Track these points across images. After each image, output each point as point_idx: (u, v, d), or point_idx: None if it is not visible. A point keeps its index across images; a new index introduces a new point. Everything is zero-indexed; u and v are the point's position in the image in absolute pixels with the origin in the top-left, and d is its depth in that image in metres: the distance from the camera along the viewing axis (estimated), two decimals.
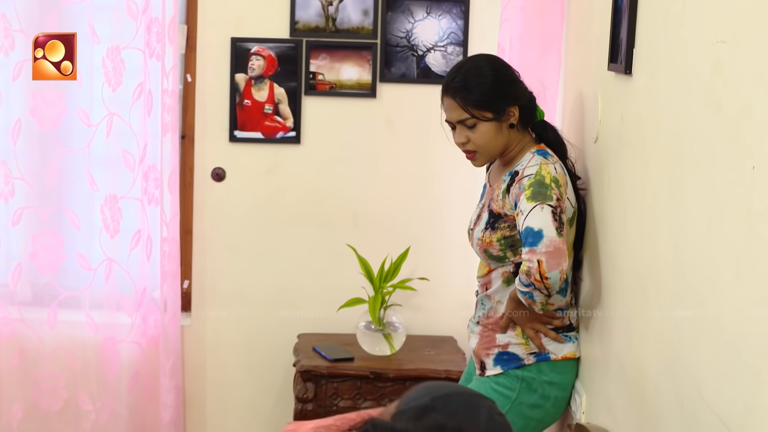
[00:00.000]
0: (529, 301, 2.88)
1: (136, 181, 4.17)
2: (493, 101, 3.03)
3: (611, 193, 2.83)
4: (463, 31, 4.24)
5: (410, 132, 4.32)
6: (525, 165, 2.98)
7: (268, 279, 4.40)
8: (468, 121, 3.04)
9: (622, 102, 2.74)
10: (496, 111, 3.02)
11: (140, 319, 4.26)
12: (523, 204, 2.87)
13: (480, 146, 3.06)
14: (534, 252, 2.79)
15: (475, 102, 3.02)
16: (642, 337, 2.46)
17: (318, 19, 4.22)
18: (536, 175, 2.91)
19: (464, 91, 3.03)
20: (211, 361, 4.43)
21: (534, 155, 3.01)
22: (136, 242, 4.21)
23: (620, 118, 2.74)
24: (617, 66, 2.74)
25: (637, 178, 2.56)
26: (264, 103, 4.27)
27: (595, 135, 3.02)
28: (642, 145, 2.53)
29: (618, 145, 2.77)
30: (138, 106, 4.13)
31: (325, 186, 4.35)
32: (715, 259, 1.94)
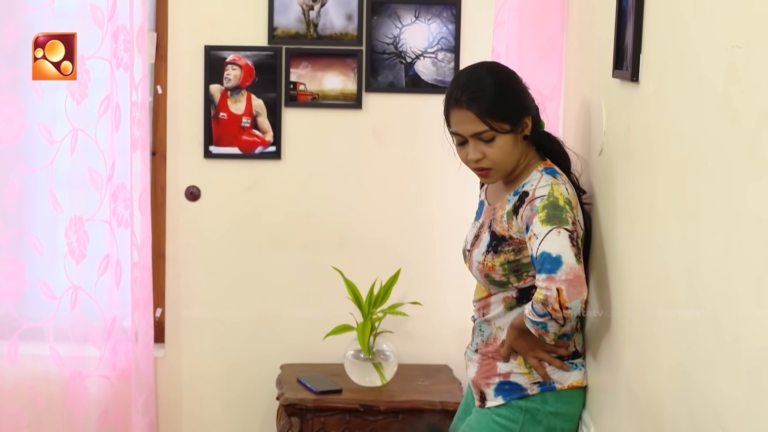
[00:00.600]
0: (540, 331, 2.88)
1: (103, 202, 4.17)
2: (510, 111, 3.00)
3: (618, 209, 2.84)
4: (454, 36, 4.26)
5: (399, 145, 4.34)
6: (535, 185, 2.97)
7: (248, 306, 4.40)
8: (485, 134, 2.98)
9: (628, 111, 2.75)
10: (514, 122, 3.00)
11: (109, 352, 4.24)
12: (538, 227, 2.86)
13: (497, 162, 3.01)
14: (553, 279, 2.78)
15: (492, 113, 2.97)
16: (655, 364, 2.46)
17: (298, 24, 4.24)
18: (549, 197, 2.90)
19: (481, 101, 2.97)
20: (187, 395, 4.43)
21: (543, 174, 3.00)
22: (105, 268, 4.20)
23: (626, 128, 2.76)
24: (623, 73, 2.76)
25: (646, 193, 2.57)
26: (241, 115, 4.27)
27: (600, 147, 3.03)
28: (650, 158, 2.54)
29: (624, 158, 2.78)
30: (105, 120, 4.13)
31: (308, 204, 4.36)
32: (733, 281, 1.95)
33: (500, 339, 3.10)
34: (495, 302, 3.10)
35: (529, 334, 2.96)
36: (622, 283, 2.80)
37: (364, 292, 4.15)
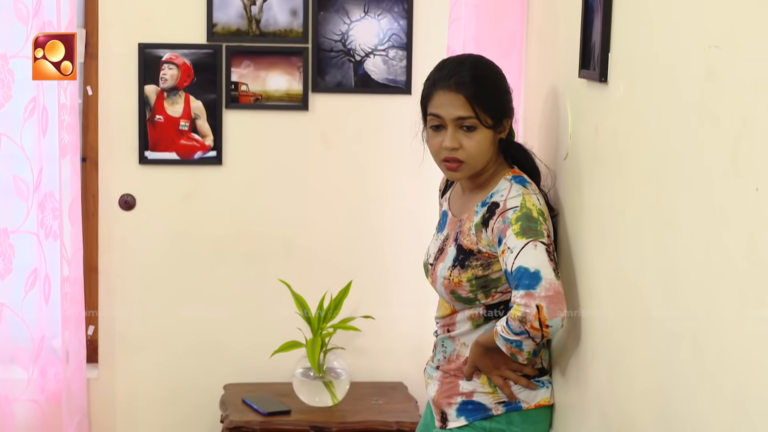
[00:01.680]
0: (514, 350, 2.88)
1: (30, 213, 4.13)
2: (497, 106, 3.02)
3: (586, 217, 2.86)
4: (406, 33, 4.28)
5: (348, 149, 4.35)
6: (506, 196, 2.97)
7: (188, 322, 4.39)
8: (468, 121, 2.98)
9: (596, 113, 2.77)
10: (496, 119, 3.01)
11: (38, 374, 4.21)
12: (512, 240, 2.86)
13: (471, 155, 3.00)
14: (532, 296, 2.78)
15: (481, 101, 2.98)
16: (628, 381, 2.48)
17: (239, 20, 4.23)
18: (522, 208, 2.91)
19: (473, 87, 2.98)
20: (122, 419, 4.41)
21: (512, 183, 3.00)
22: (32, 283, 4.16)
23: (594, 130, 2.77)
24: (590, 73, 2.77)
25: (616, 198, 2.59)
26: (179, 118, 4.26)
27: (566, 151, 3.05)
28: (620, 162, 2.56)
29: (592, 162, 2.80)
30: (31, 124, 4.10)
31: (252, 213, 4.36)
32: (714, 291, 1.97)
33: (463, 356, 3.11)
34: (461, 320, 3.10)
35: (494, 352, 2.97)
36: (591, 295, 2.82)
37: (313, 305, 4.15)
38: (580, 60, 2.87)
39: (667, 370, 2.22)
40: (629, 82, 2.52)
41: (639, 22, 2.48)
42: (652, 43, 2.37)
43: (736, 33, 1.89)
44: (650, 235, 2.34)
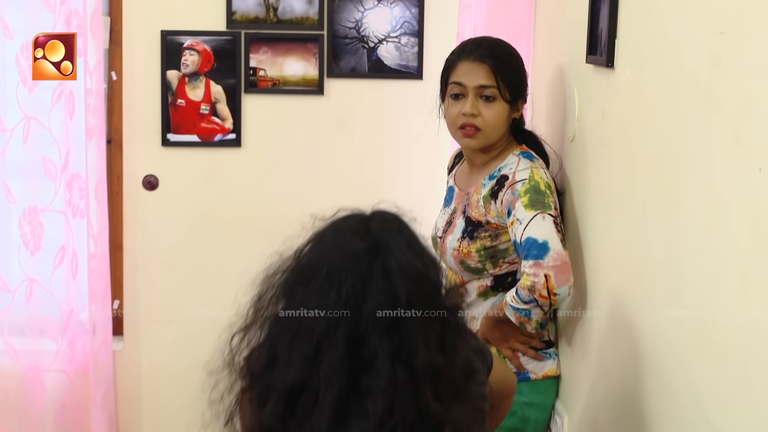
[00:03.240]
0: (523, 318, 2.90)
1: (59, 192, 4.14)
2: (517, 83, 3.09)
3: (593, 197, 2.87)
4: (418, 20, 4.27)
5: (362, 132, 4.35)
6: (514, 169, 2.99)
7: (209, 297, 4.38)
8: (489, 90, 3.04)
9: (603, 98, 2.78)
10: (514, 95, 3.08)
11: (67, 345, 4.23)
12: (521, 212, 2.89)
13: (488, 124, 3.05)
14: (540, 265, 2.80)
15: (504, 75, 3.05)
16: (634, 353, 2.49)
17: (258, 8, 4.23)
18: (530, 180, 2.93)
19: (499, 61, 3.06)
20: (146, 389, 4.42)
21: (520, 158, 3.03)
22: (61, 259, 4.18)
23: (601, 115, 2.78)
24: (597, 58, 2.78)
25: (623, 180, 2.60)
26: (200, 102, 4.26)
27: (572, 133, 3.06)
28: (627, 145, 2.57)
29: (599, 145, 2.81)
30: (59, 108, 4.10)
31: (270, 193, 4.35)
32: (717, 270, 1.97)
33: (473, 328, 3.12)
34: (469, 290, 3.12)
35: (504, 324, 2.98)
36: (597, 271, 2.84)
37: None
38: (588, 46, 2.88)
39: (670, 342, 2.23)
40: (635, 67, 2.53)
41: (645, 9, 2.49)
42: (658, 29, 2.37)
43: (741, 20, 1.89)
44: (655, 214, 2.35)
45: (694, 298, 2.10)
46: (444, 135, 4.11)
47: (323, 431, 1.88)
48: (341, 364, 1.89)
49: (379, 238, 2.01)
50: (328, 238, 2.09)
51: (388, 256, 1.96)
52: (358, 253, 1.98)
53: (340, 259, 1.99)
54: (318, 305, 1.95)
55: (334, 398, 1.88)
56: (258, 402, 2.02)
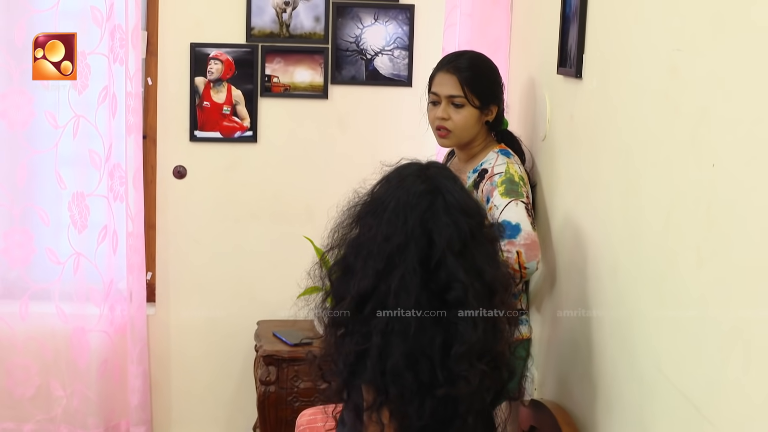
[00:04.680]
0: None
1: (102, 180, 4.14)
2: (484, 92, 3.09)
3: (562, 187, 2.90)
4: (408, 36, 4.28)
5: (360, 130, 4.36)
6: (493, 163, 3.03)
7: (228, 270, 4.40)
8: (457, 99, 3.07)
9: (571, 103, 2.81)
10: (483, 102, 3.08)
11: (108, 310, 4.23)
12: (498, 199, 2.92)
13: (457, 126, 3.09)
14: (513, 243, 2.84)
15: (470, 84, 3.07)
16: (598, 320, 2.53)
17: (273, 25, 4.23)
18: (506, 173, 2.96)
19: (466, 72, 3.08)
20: (175, 347, 4.42)
21: (498, 155, 3.06)
22: (103, 237, 4.18)
23: (570, 117, 2.81)
24: (567, 70, 2.81)
25: (590, 171, 2.63)
26: (222, 104, 4.27)
27: (544, 134, 3.09)
28: (593, 142, 2.60)
29: (568, 142, 2.84)
30: (103, 108, 4.10)
31: (281, 182, 4.36)
32: (674, 247, 2.01)
33: None
34: None
35: None
36: (564, 249, 2.86)
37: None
38: (558, 59, 2.90)
39: (631, 308, 2.26)
40: (601, 78, 2.56)
41: (609, 29, 2.52)
42: (622, 46, 2.41)
43: (696, 38, 1.92)
44: (618, 200, 2.38)
45: (653, 271, 2.13)
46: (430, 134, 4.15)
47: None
48: (413, 278, 2.09)
49: (437, 181, 2.20)
50: (394, 180, 2.25)
51: (447, 195, 2.17)
52: (420, 192, 2.18)
53: (405, 197, 2.17)
54: (387, 232, 2.13)
55: (410, 303, 2.08)
56: (333, 303, 2.26)
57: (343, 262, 2.27)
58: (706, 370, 1.84)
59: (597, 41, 2.61)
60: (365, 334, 2.13)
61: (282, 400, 3.96)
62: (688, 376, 1.92)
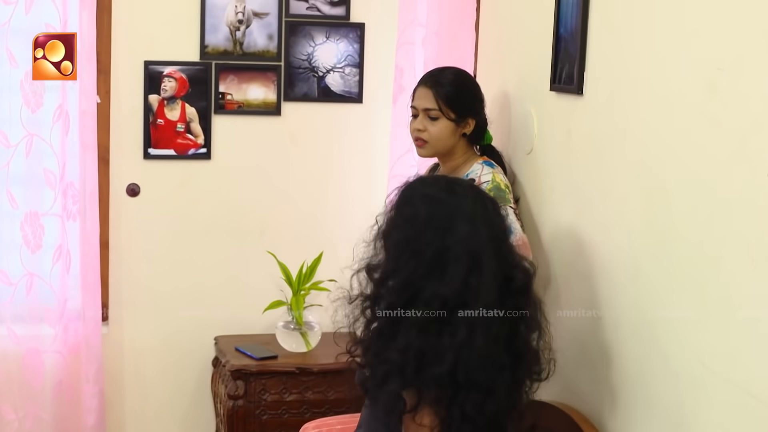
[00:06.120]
0: None
1: (57, 198, 4.11)
2: (459, 105, 3.22)
3: (557, 197, 3.04)
4: (359, 54, 4.39)
5: (312, 146, 4.43)
6: (479, 174, 3.16)
7: (183, 287, 4.40)
8: (432, 112, 3.21)
9: (569, 119, 2.95)
10: (459, 115, 3.21)
11: (62, 330, 4.18)
12: None
13: (432, 138, 3.23)
14: None
15: (445, 98, 3.20)
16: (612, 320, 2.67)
17: (226, 43, 4.28)
18: (493, 182, 3.10)
19: (441, 87, 3.22)
20: (128, 366, 4.40)
21: (483, 166, 3.20)
22: (58, 257, 4.13)
23: (567, 132, 2.96)
24: (563, 87, 2.96)
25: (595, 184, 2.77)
26: (176, 122, 4.28)
27: (530, 147, 3.23)
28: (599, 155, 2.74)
29: (565, 155, 2.98)
30: (58, 126, 4.07)
31: (234, 198, 4.40)
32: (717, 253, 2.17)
33: None
34: None
35: None
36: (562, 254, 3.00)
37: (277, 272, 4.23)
38: (551, 77, 3.05)
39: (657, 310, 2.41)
40: (609, 95, 2.71)
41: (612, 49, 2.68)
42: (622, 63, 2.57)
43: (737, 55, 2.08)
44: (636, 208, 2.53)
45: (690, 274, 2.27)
46: (380, 148, 4.28)
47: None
48: (495, 277, 2.30)
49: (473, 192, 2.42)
50: (443, 194, 2.41)
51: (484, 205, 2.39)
52: (475, 197, 2.41)
53: (467, 203, 2.38)
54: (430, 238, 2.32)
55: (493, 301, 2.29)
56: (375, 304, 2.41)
57: (387, 263, 2.39)
58: (762, 362, 2.00)
59: (602, 61, 2.76)
60: (449, 332, 2.25)
61: (250, 413, 4.00)
62: (743, 369, 2.07)
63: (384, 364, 2.33)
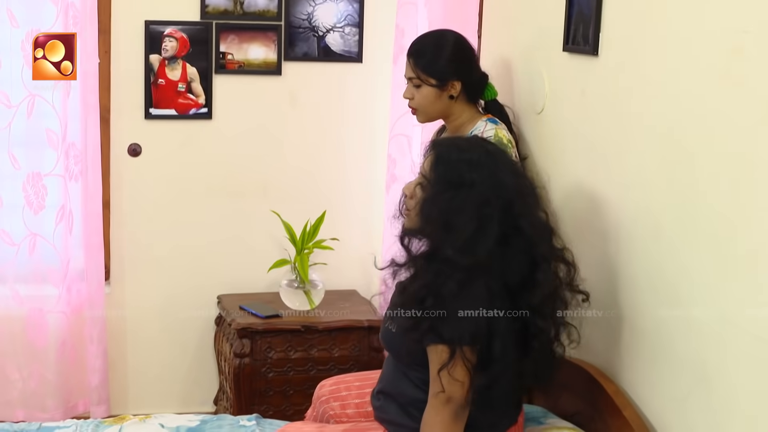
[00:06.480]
0: None
1: (59, 159, 4.11)
2: (439, 71, 3.25)
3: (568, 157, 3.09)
4: (359, 14, 4.39)
5: (313, 106, 4.45)
6: (482, 130, 3.21)
7: (184, 247, 4.42)
8: (414, 81, 3.28)
9: (583, 79, 2.99)
10: (440, 80, 3.25)
11: (65, 290, 4.20)
12: None
13: (419, 105, 3.30)
14: None
15: (423, 67, 3.25)
16: (630, 277, 2.72)
17: (227, 2, 4.28)
18: (495, 137, 3.15)
19: (418, 56, 3.27)
20: (131, 326, 4.43)
21: (486, 123, 3.24)
22: (61, 217, 4.15)
23: (581, 92, 3.00)
24: (577, 47, 2.99)
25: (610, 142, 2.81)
26: (177, 81, 4.29)
27: (541, 107, 3.27)
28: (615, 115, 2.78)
29: (580, 114, 3.01)
30: (60, 87, 4.06)
31: (236, 158, 4.41)
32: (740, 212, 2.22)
33: None
34: None
35: None
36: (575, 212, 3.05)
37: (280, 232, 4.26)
38: (564, 38, 3.08)
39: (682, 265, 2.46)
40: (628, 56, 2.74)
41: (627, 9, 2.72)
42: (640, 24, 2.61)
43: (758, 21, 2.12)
44: (655, 164, 2.57)
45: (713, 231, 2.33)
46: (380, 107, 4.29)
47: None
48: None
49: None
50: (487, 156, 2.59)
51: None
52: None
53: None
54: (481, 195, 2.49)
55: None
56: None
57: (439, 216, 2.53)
58: None
59: (619, 22, 2.79)
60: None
61: (256, 371, 4.04)
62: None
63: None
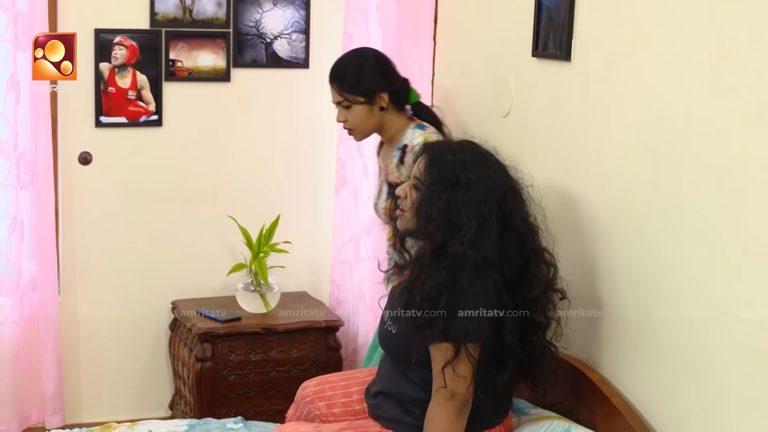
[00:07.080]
0: None
1: (11, 169, 4.06)
2: (364, 89, 3.38)
3: (539, 159, 3.20)
4: (305, 21, 4.45)
5: (262, 112, 4.49)
6: (410, 138, 3.35)
7: (136, 254, 4.42)
8: (343, 103, 3.39)
9: (555, 84, 3.10)
10: (367, 96, 3.36)
11: (18, 301, 4.16)
12: None
13: (355, 125, 3.41)
14: None
15: (349, 88, 3.37)
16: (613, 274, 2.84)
17: (176, 10, 4.29)
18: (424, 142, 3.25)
19: (342, 79, 3.39)
20: (84, 334, 4.40)
21: (414, 130, 3.38)
22: (13, 228, 4.10)
23: (553, 96, 3.11)
24: (548, 53, 3.11)
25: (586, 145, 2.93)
26: (127, 89, 4.28)
27: (507, 110, 3.38)
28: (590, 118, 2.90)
29: (552, 118, 3.13)
30: (11, 96, 4.02)
31: (186, 164, 4.43)
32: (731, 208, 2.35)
33: None
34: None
35: None
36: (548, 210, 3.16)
37: (238, 237, 4.29)
38: (533, 45, 3.20)
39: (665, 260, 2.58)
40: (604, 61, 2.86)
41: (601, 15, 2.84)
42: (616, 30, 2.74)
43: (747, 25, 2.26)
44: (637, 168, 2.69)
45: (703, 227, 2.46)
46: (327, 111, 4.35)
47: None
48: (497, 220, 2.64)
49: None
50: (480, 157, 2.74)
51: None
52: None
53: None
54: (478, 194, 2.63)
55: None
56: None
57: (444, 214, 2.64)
58: None
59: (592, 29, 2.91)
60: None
61: (218, 374, 4.07)
62: (762, 308, 2.24)
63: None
